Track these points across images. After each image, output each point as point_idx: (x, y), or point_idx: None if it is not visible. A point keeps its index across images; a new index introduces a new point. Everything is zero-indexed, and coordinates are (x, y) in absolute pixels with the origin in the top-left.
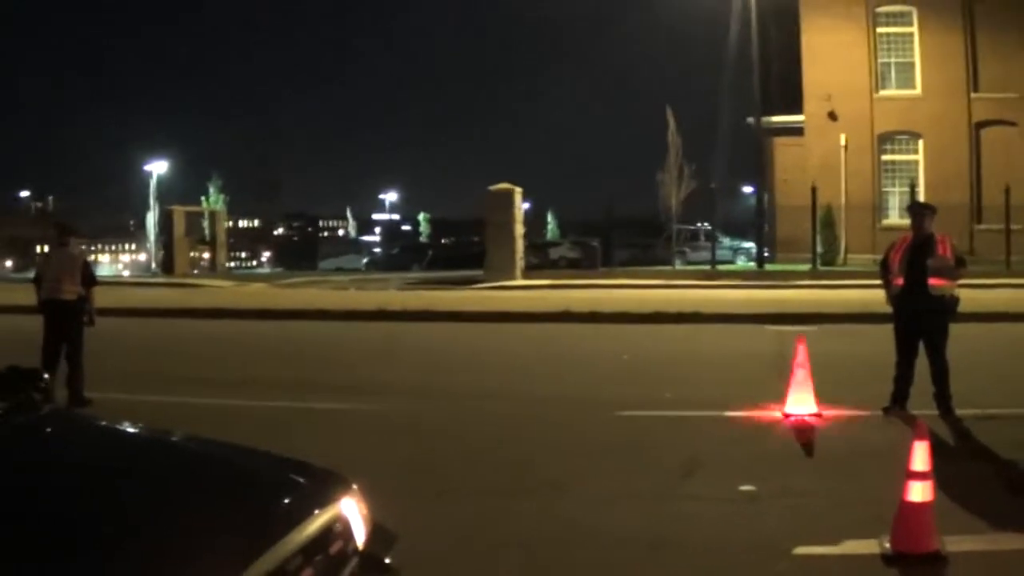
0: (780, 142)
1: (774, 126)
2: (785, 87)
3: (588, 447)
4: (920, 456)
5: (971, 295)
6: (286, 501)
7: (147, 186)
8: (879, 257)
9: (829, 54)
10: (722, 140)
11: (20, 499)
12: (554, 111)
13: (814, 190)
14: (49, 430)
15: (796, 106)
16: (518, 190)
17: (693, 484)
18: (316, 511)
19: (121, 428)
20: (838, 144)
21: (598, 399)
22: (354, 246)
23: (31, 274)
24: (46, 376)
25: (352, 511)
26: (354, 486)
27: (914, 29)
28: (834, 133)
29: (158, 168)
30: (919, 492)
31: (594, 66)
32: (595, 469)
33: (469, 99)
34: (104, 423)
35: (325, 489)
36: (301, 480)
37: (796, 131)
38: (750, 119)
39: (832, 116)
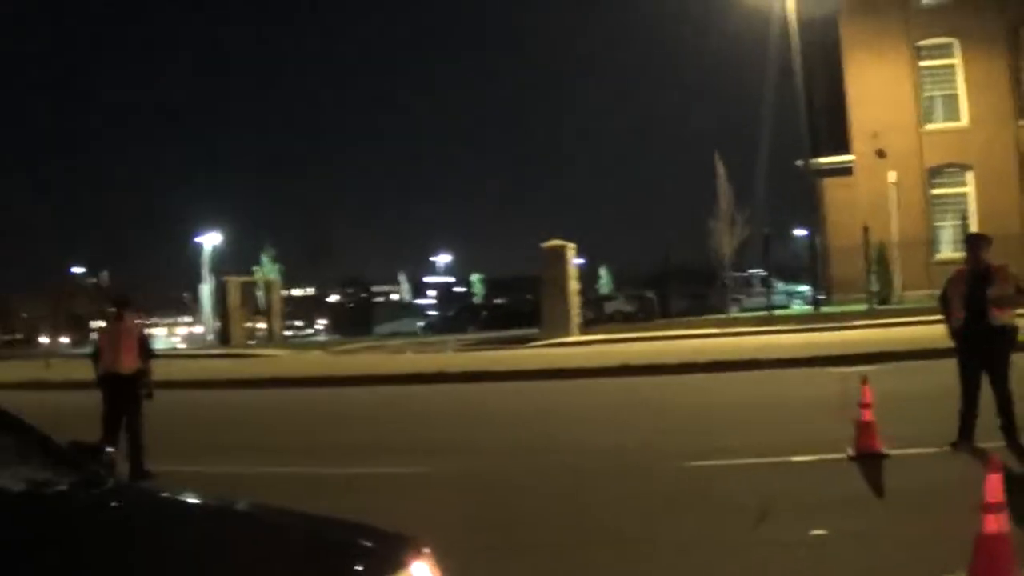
0: (830, 183)
1: (823, 167)
2: (832, 127)
3: (657, 498)
4: (994, 488)
5: None
6: (358, 568)
7: (200, 257)
8: (935, 292)
9: (874, 91)
10: (765, 184)
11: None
12: (602, 163)
13: (866, 229)
14: (115, 504)
15: (844, 146)
16: (571, 246)
17: (765, 530)
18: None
19: (187, 500)
20: (887, 181)
21: (662, 450)
22: (409, 310)
23: (88, 349)
24: (109, 450)
25: (424, 574)
26: (425, 549)
27: (957, 60)
28: (883, 171)
29: (211, 239)
30: (996, 524)
31: (642, 117)
32: (666, 519)
33: (517, 156)
34: (169, 495)
35: (396, 553)
36: (371, 545)
37: (845, 171)
38: (799, 161)
39: (880, 154)
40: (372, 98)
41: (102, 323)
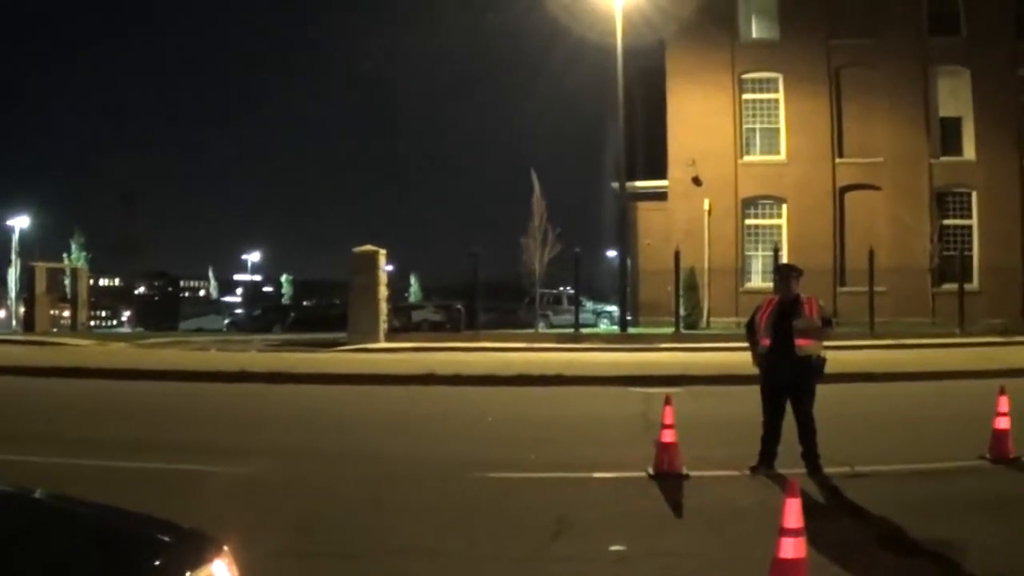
0: (644, 207)
1: (638, 191)
2: (650, 152)
3: (455, 509)
4: (793, 513)
5: (836, 356)
6: (157, 563)
7: (8, 241)
8: (742, 320)
9: (694, 120)
10: (585, 204)
11: None
12: (419, 173)
13: (677, 254)
14: None
15: (661, 171)
16: (382, 252)
17: (561, 545)
18: (188, 573)
19: None
20: (702, 209)
21: (462, 461)
22: (215, 307)
23: None
24: None
25: (223, 573)
26: (225, 547)
27: (779, 96)
28: (698, 198)
29: (20, 223)
30: (792, 549)
31: (459, 129)
32: (461, 531)
33: (333, 161)
34: None
35: (196, 550)
36: (171, 541)
37: (660, 196)
38: (614, 184)
39: (696, 181)
40: (195, 89)
41: None
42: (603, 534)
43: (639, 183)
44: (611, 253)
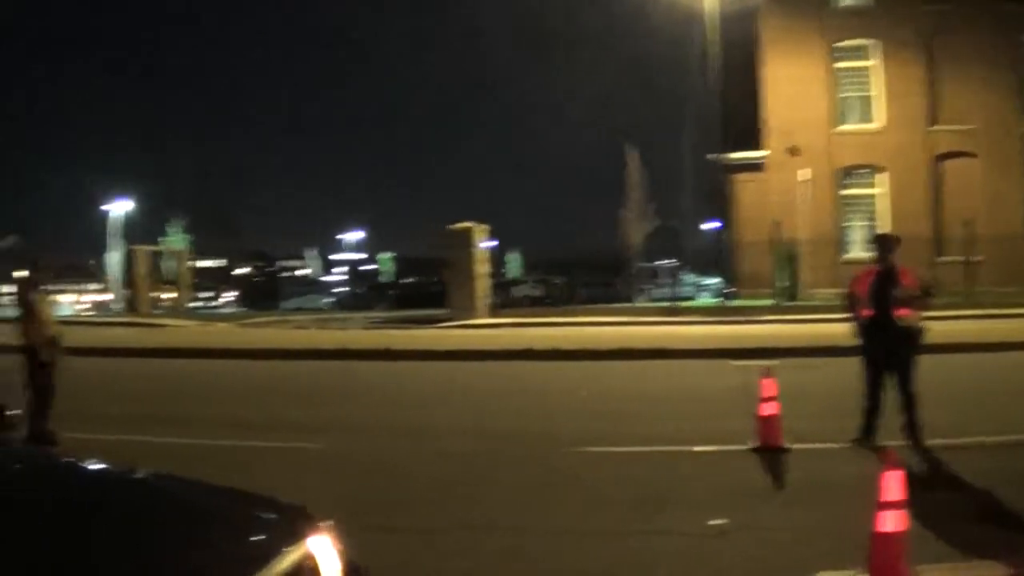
0: (741, 178)
1: (734, 162)
2: (746, 123)
3: (551, 483)
4: (892, 486)
5: (934, 327)
6: (255, 538)
7: (109, 225)
8: (841, 291)
9: (788, 89)
10: (684, 177)
11: None
12: (518, 149)
13: (775, 225)
14: (18, 467)
15: (757, 142)
16: (478, 228)
17: (661, 519)
18: (284, 548)
19: (87, 465)
20: (798, 179)
21: (562, 435)
22: (316, 286)
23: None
24: (14, 412)
25: (323, 548)
26: (325, 522)
27: (873, 63)
28: (794, 168)
29: (121, 207)
30: (892, 522)
31: (559, 103)
32: (557, 506)
33: (433, 137)
34: (70, 460)
35: (294, 526)
36: (270, 517)
37: (756, 167)
38: (711, 156)
39: (792, 151)
40: (289, 72)
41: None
42: (703, 508)
43: (735, 154)
44: (709, 225)
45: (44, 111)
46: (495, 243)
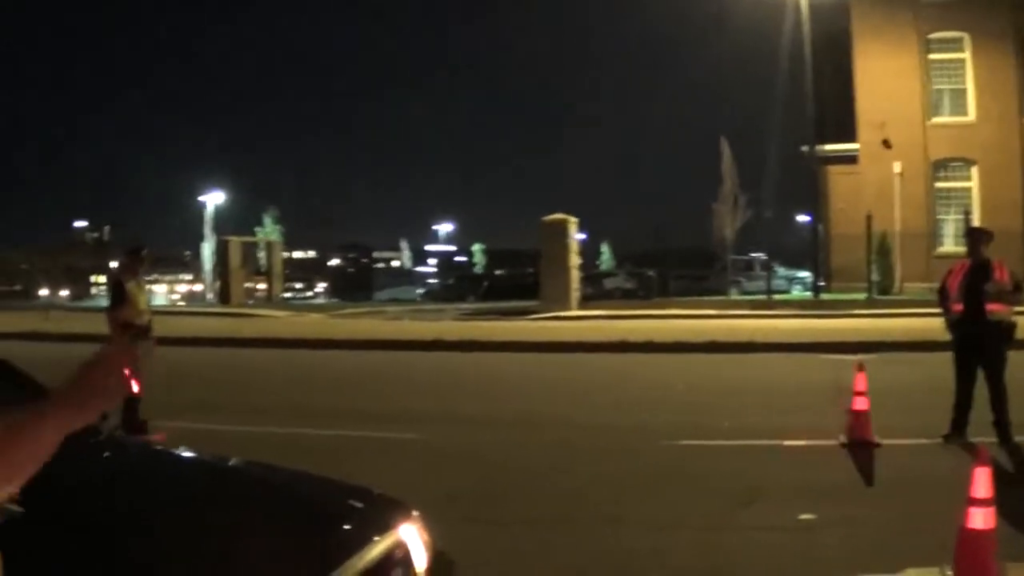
0: (834, 171)
1: (828, 155)
2: (839, 115)
3: (644, 476)
4: (982, 482)
5: None
6: (346, 527)
7: (202, 216)
8: (934, 285)
9: (882, 81)
10: (775, 169)
11: (86, 529)
12: (610, 141)
13: (869, 218)
14: (108, 455)
15: (850, 134)
16: (573, 220)
17: (751, 513)
18: (376, 537)
19: (179, 453)
20: (892, 172)
21: (654, 428)
22: (409, 277)
23: (90, 302)
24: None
25: (412, 537)
26: (414, 512)
27: (966, 55)
28: (888, 161)
29: (214, 199)
30: (981, 519)
31: (649, 96)
32: (651, 499)
33: (525, 129)
34: (162, 448)
35: (385, 515)
36: (361, 506)
37: (850, 159)
38: (804, 148)
39: (886, 144)
40: (382, 66)
41: (102, 278)
42: (792, 502)
43: (828, 146)
44: (802, 218)
45: (145, 105)
46: (584, 236)
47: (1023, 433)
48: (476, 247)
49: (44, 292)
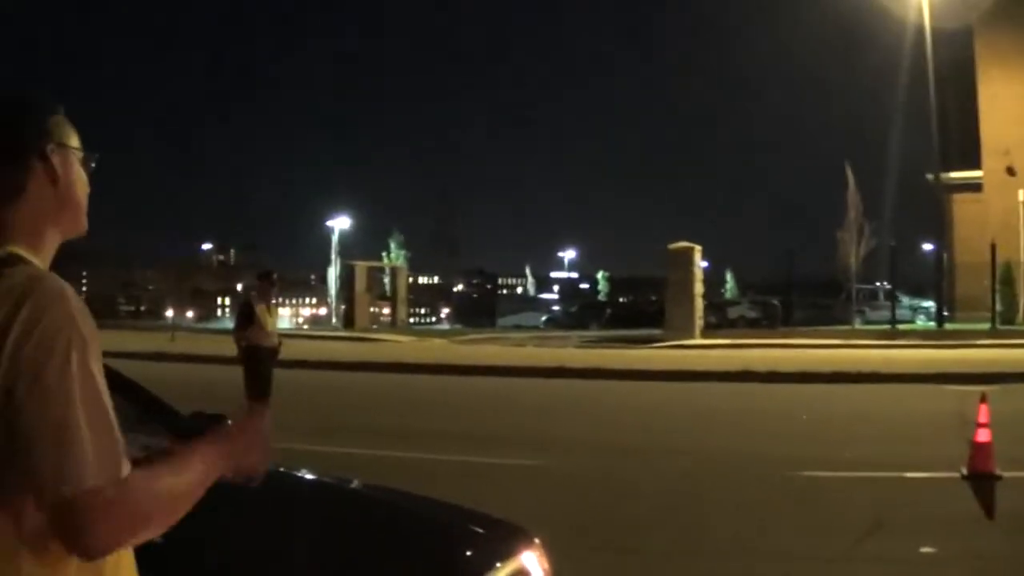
0: (959, 198)
1: (952, 182)
2: (963, 142)
3: (767, 506)
4: None
5: None
6: (469, 553)
7: (328, 241)
8: None
9: (1007, 107)
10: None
11: (210, 551)
12: (732, 169)
13: (993, 247)
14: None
15: (974, 161)
16: (697, 248)
17: (873, 545)
18: (498, 563)
19: (302, 475)
20: (1017, 200)
21: (777, 458)
22: (532, 303)
23: (216, 324)
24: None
25: (534, 565)
26: (536, 540)
27: None
28: (1013, 188)
29: (340, 224)
30: None
31: (772, 123)
32: (774, 529)
33: (647, 158)
34: (284, 470)
35: (507, 542)
36: (483, 532)
37: (975, 187)
38: (929, 175)
39: (1010, 171)
40: (505, 92)
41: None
42: (914, 535)
43: (953, 174)
44: (927, 246)
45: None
46: (708, 264)
47: None
48: (600, 274)
49: (170, 313)
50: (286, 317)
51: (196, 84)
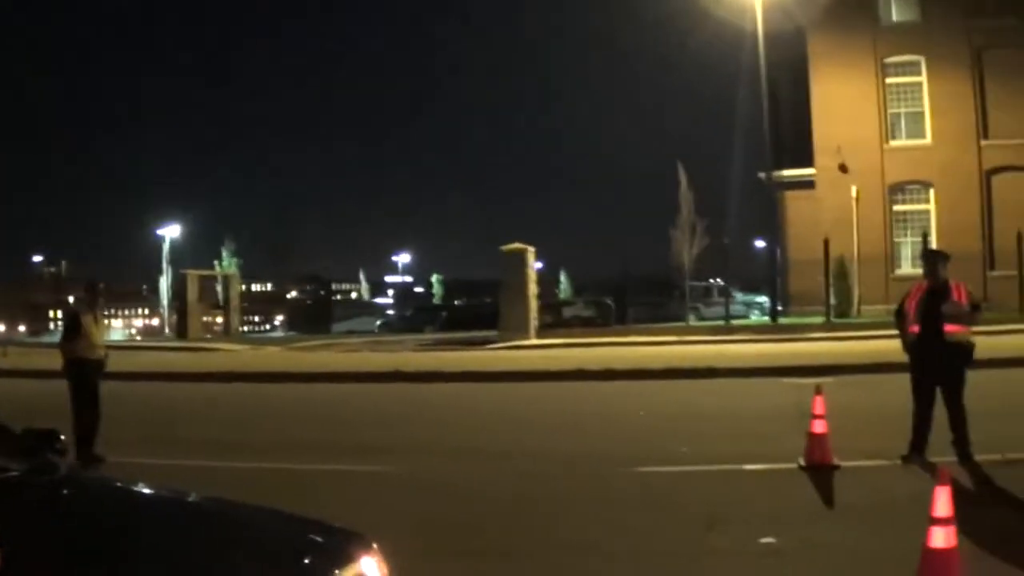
0: (792, 196)
1: (785, 180)
2: (796, 140)
3: (608, 504)
4: (943, 502)
5: (986, 341)
6: (307, 561)
7: (159, 250)
8: (893, 307)
9: (839, 106)
10: (732, 195)
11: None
12: (565, 170)
13: (826, 243)
14: (67, 492)
15: (807, 159)
16: (531, 250)
17: (714, 539)
18: (336, 571)
19: (139, 489)
20: (849, 196)
21: (616, 456)
22: (367, 309)
23: (48, 338)
24: (62, 437)
25: (372, 570)
26: (374, 545)
27: (923, 79)
28: (845, 185)
29: (171, 232)
30: (943, 538)
31: (604, 123)
32: (616, 526)
33: (479, 160)
34: (122, 485)
35: (345, 548)
36: (321, 540)
37: (807, 184)
38: (761, 174)
39: (843, 168)
40: (339, 97)
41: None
42: (754, 527)
43: (786, 172)
44: (760, 243)
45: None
46: (542, 265)
47: (983, 452)
48: (434, 278)
49: (1, 328)
50: (119, 328)
51: (15, 94)
